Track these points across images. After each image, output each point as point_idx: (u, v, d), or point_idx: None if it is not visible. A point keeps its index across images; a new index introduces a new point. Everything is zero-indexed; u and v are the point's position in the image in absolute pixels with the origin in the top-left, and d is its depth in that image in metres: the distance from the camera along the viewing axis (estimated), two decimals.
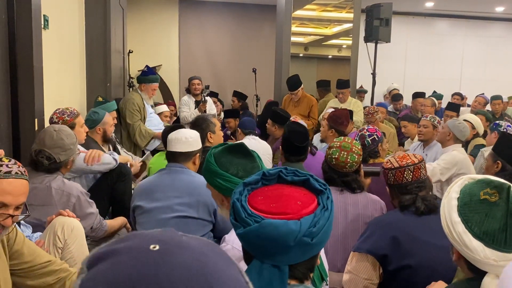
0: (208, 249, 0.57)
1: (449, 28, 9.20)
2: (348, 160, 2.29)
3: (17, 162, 1.57)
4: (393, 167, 1.97)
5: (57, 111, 2.98)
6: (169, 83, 7.82)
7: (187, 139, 2.38)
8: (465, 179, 1.29)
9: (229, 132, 5.29)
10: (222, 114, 6.69)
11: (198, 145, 2.45)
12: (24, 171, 1.56)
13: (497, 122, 3.64)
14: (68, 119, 2.93)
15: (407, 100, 7.25)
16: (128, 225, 2.73)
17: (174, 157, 2.41)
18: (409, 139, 5.20)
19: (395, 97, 7.13)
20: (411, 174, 1.93)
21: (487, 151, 3.45)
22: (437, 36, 9.11)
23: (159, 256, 0.52)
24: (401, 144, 5.38)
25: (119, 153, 4.12)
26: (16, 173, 1.52)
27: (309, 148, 3.01)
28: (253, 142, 3.93)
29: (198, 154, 2.47)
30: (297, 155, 2.81)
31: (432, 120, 4.11)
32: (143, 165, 3.58)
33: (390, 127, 5.52)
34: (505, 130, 3.67)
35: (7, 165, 1.51)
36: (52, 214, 2.04)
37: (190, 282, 0.50)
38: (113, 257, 0.54)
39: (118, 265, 0.52)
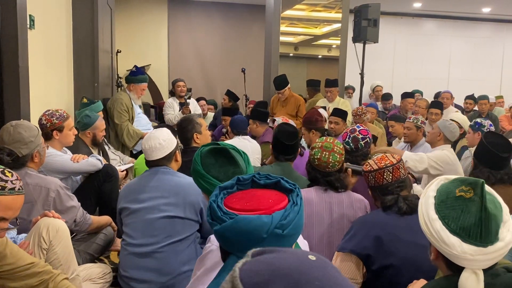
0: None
1: (437, 29, 9.29)
2: (330, 160, 2.31)
3: (18, 176, 1.62)
4: (372, 169, 1.99)
5: (47, 113, 2.95)
6: (158, 83, 7.79)
7: (161, 144, 2.38)
8: (441, 179, 1.33)
9: (224, 130, 5.29)
10: (209, 113, 6.71)
11: (174, 143, 2.45)
12: (21, 185, 1.62)
13: (479, 121, 3.65)
14: (57, 122, 2.90)
15: (396, 100, 7.31)
16: (113, 224, 2.73)
17: (155, 164, 2.42)
18: (396, 138, 5.24)
19: (385, 96, 7.17)
20: (391, 174, 1.96)
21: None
22: (425, 36, 9.20)
23: (315, 263, 0.64)
24: (390, 144, 5.42)
25: (107, 155, 4.12)
26: (19, 189, 1.59)
27: (299, 149, 3.02)
28: (243, 143, 3.93)
29: (177, 150, 2.48)
30: (286, 154, 2.83)
31: (415, 121, 4.16)
32: (126, 173, 3.57)
33: (379, 127, 5.56)
34: (488, 130, 3.70)
35: (11, 181, 1.57)
36: (32, 211, 2.04)
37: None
38: (278, 253, 0.65)
39: (282, 257, 0.64)
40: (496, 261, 1.23)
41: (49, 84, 3.73)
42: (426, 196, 1.31)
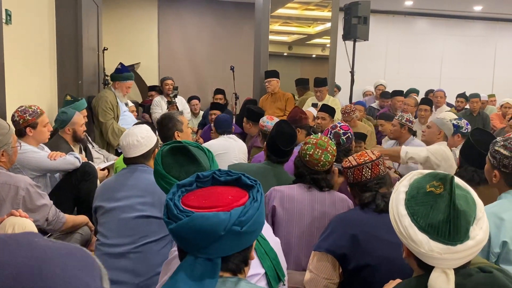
0: (58, 252, 0.58)
1: (429, 27, 9.26)
2: (322, 158, 2.27)
3: None
4: (351, 165, 1.94)
5: (19, 109, 2.89)
6: (148, 82, 7.71)
7: (139, 141, 2.31)
8: (414, 174, 1.27)
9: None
10: (201, 113, 6.64)
11: (153, 141, 2.38)
12: None
13: (456, 123, 3.58)
14: (30, 118, 2.84)
15: None
16: (90, 223, 2.66)
17: (133, 162, 2.35)
18: (386, 137, 5.19)
19: (384, 94, 7.13)
20: (370, 171, 1.90)
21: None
22: (417, 35, 9.17)
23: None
24: (379, 142, 5.37)
25: (90, 153, 4.05)
26: None
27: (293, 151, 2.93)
28: (229, 142, 3.84)
29: (156, 148, 2.41)
30: (279, 157, 2.74)
31: (400, 119, 4.13)
32: (108, 171, 3.50)
33: (368, 125, 5.51)
34: (466, 131, 3.63)
35: None
36: (0, 210, 1.97)
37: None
38: None
39: None
40: (467, 260, 1.17)
41: (28, 81, 3.66)
42: (397, 192, 1.25)
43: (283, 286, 1.81)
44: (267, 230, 1.78)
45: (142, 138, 2.32)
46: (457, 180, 1.23)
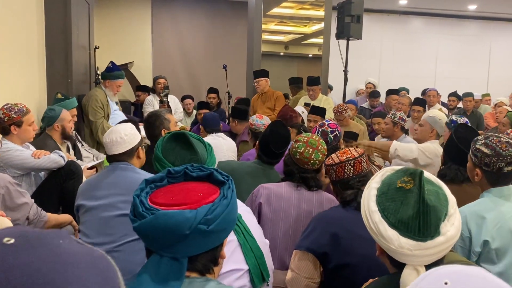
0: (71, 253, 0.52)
1: (424, 26, 9.25)
2: (312, 157, 2.25)
3: None
4: (334, 163, 1.91)
5: (5, 107, 2.86)
6: (142, 81, 7.67)
7: (122, 138, 2.27)
8: (387, 170, 1.25)
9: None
10: (195, 112, 6.61)
11: (137, 139, 2.35)
12: None
13: (455, 119, 3.57)
14: (15, 116, 2.81)
15: (382, 98, 7.25)
16: (75, 222, 2.62)
17: (116, 159, 2.32)
18: (379, 135, 5.17)
19: (373, 94, 7.11)
20: (352, 168, 1.88)
21: None
22: (412, 34, 9.15)
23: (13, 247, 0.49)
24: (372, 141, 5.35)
25: (79, 152, 4.02)
26: None
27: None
28: (217, 141, 3.83)
29: (140, 146, 2.38)
30: (270, 158, 2.71)
31: (392, 117, 4.13)
32: (96, 170, 3.47)
33: (361, 124, 5.49)
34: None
35: None
36: None
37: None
38: None
39: None
40: (439, 257, 1.14)
41: (16, 79, 3.62)
42: (369, 188, 1.22)
43: (267, 287, 1.79)
44: (256, 231, 1.76)
45: (125, 135, 2.29)
46: (429, 175, 1.21)
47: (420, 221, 1.09)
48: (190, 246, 1.02)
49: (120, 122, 2.86)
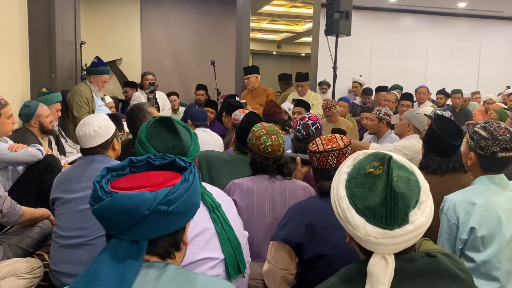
0: None
1: (414, 24, 9.25)
2: (280, 141, 2.25)
3: None
4: (318, 150, 1.86)
5: None
6: (131, 77, 7.60)
7: (96, 131, 2.23)
8: (360, 154, 1.19)
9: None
10: (181, 109, 6.56)
11: (111, 131, 2.31)
12: None
13: (439, 113, 3.52)
14: None
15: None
16: (52, 217, 2.57)
17: (91, 152, 2.28)
18: (367, 132, 5.16)
19: (365, 91, 7.10)
20: (335, 159, 1.83)
21: None
22: (402, 31, 9.16)
23: None
24: (361, 138, 5.33)
25: (63, 147, 3.97)
26: None
27: None
28: (203, 135, 3.82)
29: (115, 138, 2.34)
30: (246, 148, 2.68)
31: (377, 113, 4.12)
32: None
33: (351, 121, 5.47)
34: None
35: None
36: None
37: None
38: None
39: None
40: (407, 245, 1.10)
41: None
42: (340, 172, 1.17)
43: (243, 278, 1.75)
44: (236, 221, 1.73)
45: (99, 127, 2.24)
46: (401, 160, 1.16)
47: (387, 209, 1.05)
48: (150, 228, 1.00)
49: None
